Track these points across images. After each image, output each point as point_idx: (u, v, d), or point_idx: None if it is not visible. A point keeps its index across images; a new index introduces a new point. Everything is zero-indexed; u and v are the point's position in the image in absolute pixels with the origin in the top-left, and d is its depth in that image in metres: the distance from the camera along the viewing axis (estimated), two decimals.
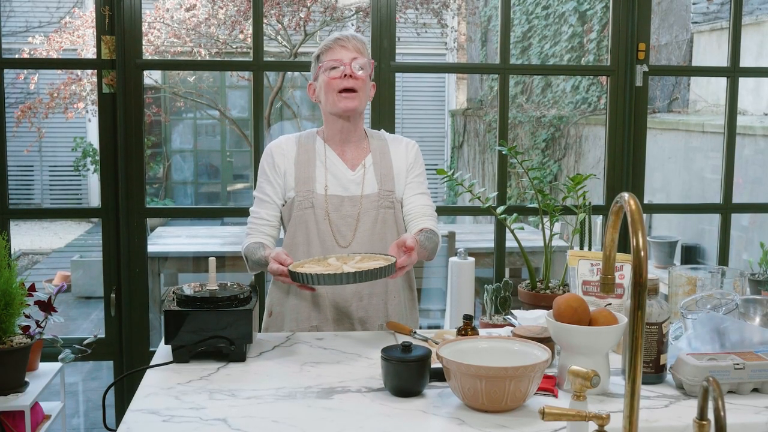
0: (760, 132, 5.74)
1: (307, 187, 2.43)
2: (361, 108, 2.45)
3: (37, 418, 2.66)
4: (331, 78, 2.41)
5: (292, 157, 2.47)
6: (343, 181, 2.44)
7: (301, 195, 2.43)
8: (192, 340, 2.01)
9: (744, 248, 5.55)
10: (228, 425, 1.65)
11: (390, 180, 2.48)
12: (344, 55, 2.41)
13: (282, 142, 2.51)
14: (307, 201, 2.42)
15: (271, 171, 2.47)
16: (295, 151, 2.48)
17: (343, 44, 2.42)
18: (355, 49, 2.42)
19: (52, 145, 11.70)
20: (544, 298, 2.59)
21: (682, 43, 7.92)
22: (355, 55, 2.42)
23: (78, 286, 7.67)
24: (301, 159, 2.46)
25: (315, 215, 2.42)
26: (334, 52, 2.42)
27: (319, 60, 2.45)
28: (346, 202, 2.43)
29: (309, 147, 2.48)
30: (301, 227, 2.42)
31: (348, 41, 2.43)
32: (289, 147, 2.48)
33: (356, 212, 2.43)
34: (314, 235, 2.41)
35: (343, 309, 2.43)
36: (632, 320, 1.32)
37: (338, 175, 2.45)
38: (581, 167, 8.22)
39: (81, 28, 8.60)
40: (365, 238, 2.42)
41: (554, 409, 1.40)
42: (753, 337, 1.98)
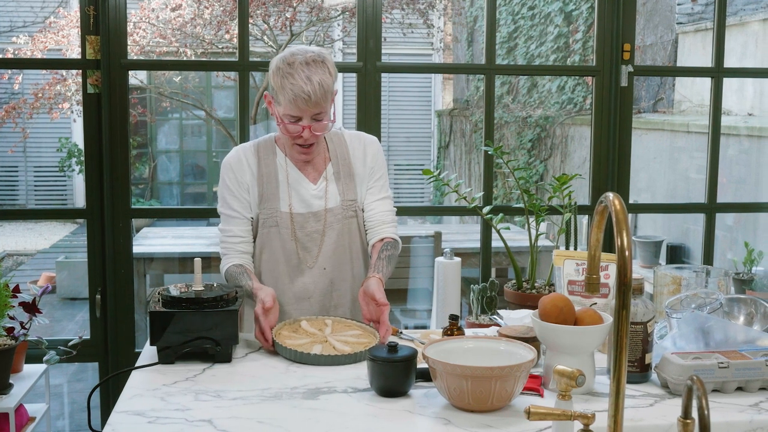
0: (744, 132, 5.78)
1: (271, 205, 2.36)
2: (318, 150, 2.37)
3: (21, 420, 2.64)
4: (287, 134, 2.27)
5: (254, 172, 2.37)
6: (306, 197, 2.37)
7: (265, 213, 2.36)
8: (177, 341, 2.00)
9: (728, 248, 5.58)
10: (213, 426, 1.64)
11: (352, 189, 2.41)
12: (304, 113, 2.22)
13: (241, 155, 2.38)
14: (271, 219, 2.36)
15: (235, 186, 2.36)
16: (255, 165, 2.37)
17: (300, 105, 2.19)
18: (315, 105, 2.20)
19: (36, 145, 11.63)
20: (530, 297, 2.60)
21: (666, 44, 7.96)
22: (318, 111, 2.23)
23: (63, 287, 7.63)
24: (263, 174, 2.36)
25: (280, 234, 2.36)
26: (290, 107, 2.21)
27: (276, 93, 2.25)
28: (311, 219, 2.37)
29: (269, 161, 2.37)
30: (266, 246, 2.37)
31: (308, 99, 2.18)
32: (249, 161, 2.37)
33: (321, 227, 2.37)
34: (280, 254, 2.37)
35: None
36: (617, 320, 1.33)
37: (301, 191, 2.37)
38: (567, 167, 8.24)
39: (66, 27, 8.57)
40: (330, 252, 2.38)
41: (540, 409, 1.41)
42: (737, 336, 1.99)
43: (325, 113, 2.26)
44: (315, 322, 2.23)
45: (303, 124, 2.23)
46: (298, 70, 2.19)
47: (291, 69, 2.20)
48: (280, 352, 2.05)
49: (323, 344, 2.09)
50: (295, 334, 2.14)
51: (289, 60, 2.22)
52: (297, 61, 2.21)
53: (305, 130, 2.24)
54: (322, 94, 2.20)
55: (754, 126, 5.76)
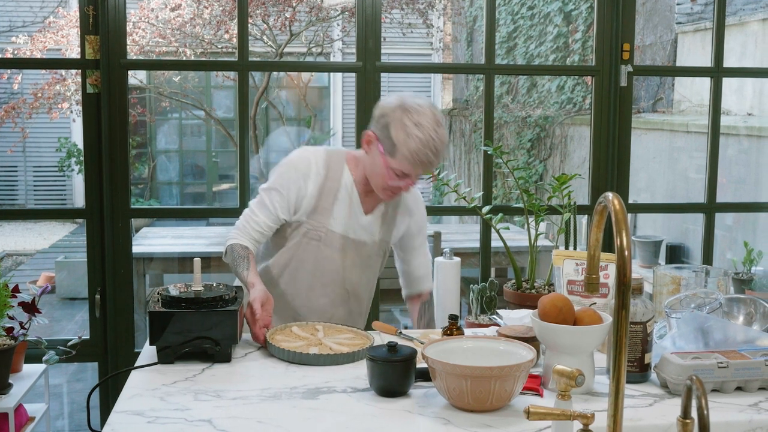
0: (743, 132, 5.78)
1: (321, 220, 2.37)
2: None
3: (21, 420, 2.64)
4: (388, 181, 2.28)
5: (318, 183, 2.36)
6: (355, 226, 2.41)
7: (311, 225, 2.37)
8: (177, 341, 2.00)
9: (728, 247, 5.58)
10: (213, 426, 1.64)
11: (390, 232, 2.49)
12: (415, 173, 2.27)
13: (311, 162, 2.37)
14: (316, 233, 2.37)
15: (289, 186, 2.35)
16: (323, 177, 2.36)
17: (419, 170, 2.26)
18: (427, 171, 2.31)
19: (36, 145, 11.63)
20: (530, 297, 2.60)
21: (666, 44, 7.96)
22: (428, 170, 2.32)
23: (62, 287, 7.62)
24: (326, 188, 2.37)
25: (320, 249, 2.38)
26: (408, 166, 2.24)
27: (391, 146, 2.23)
28: (350, 245, 2.41)
29: (336, 177, 2.38)
30: (300, 257, 2.40)
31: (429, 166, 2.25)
32: (318, 170, 2.35)
33: (354, 256, 2.42)
34: (311, 267, 2.40)
35: None
36: (617, 319, 1.33)
37: (353, 218, 2.40)
38: (566, 167, 8.24)
39: (65, 27, 8.56)
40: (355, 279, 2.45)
41: (539, 409, 1.41)
42: (737, 336, 1.99)
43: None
44: (306, 328, 2.23)
45: (410, 179, 2.29)
46: (427, 134, 2.21)
47: (419, 131, 2.20)
48: (278, 354, 2.05)
49: (319, 346, 2.09)
50: (289, 338, 2.14)
51: (416, 119, 2.21)
52: (425, 123, 2.21)
53: (409, 185, 2.31)
54: (439, 159, 2.26)
55: (754, 126, 5.76)
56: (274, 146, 11.72)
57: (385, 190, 2.32)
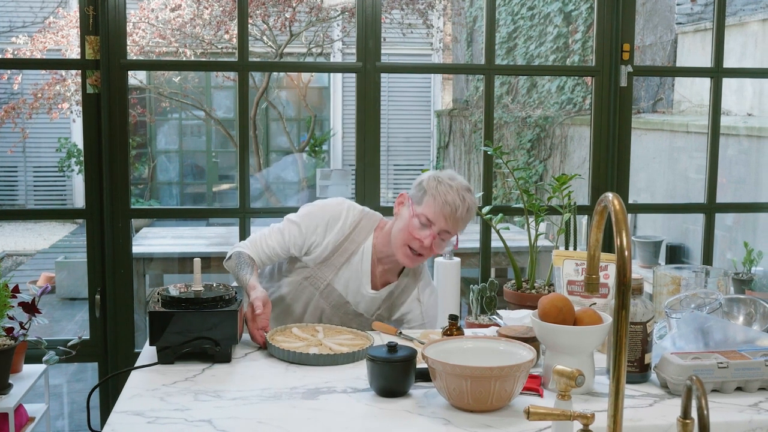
0: (743, 132, 5.78)
1: (327, 274, 2.42)
2: None
3: (21, 420, 2.64)
4: (410, 231, 2.33)
5: (339, 238, 2.41)
6: (358, 296, 2.45)
7: (316, 272, 2.43)
8: (177, 341, 2.00)
9: (728, 248, 5.59)
10: (213, 426, 1.64)
11: (390, 311, 2.51)
12: (439, 222, 2.32)
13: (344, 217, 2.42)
14: (317, 282, 2.43)
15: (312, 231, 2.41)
16: (345, 234, 2.42)
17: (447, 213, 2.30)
18: (454, 224, 2.33)
19: (36, 145, 11.63)
20: (530, 297, 2.60)
21: (666, 44, 7.96)
22: (449, 229, 2.33)
23: (62, 287, 7.62)
24: (344, 247, 2.42)
25: (314, 297, 2.44)
26: (434, 210, 2.31)
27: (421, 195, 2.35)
28: (345, 308, 2.46)
29: (358, 240, 2.43)
30: (294, 293, 2.45)
31: (454, 213, 2.30)
32: (344, 227, 2.41)
33: (345, 318, 2.46)
34: (300, 308, 2.46)
35: None
36: (617, 320, 1.33)
37: (359, 288, 2.44)
38: (566, 167, 8.24)
39: (65, 28, 8.57)
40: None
41: (539, 409, 1.41)
42: (737, 336, 1.99)
43: (450, 239, 2.38)
44: (306, 329, 2.23)
45: (432, 231, 2.32)
46: (457, 188, 2.33)
47: (451, 183, 2.33)
48: (278, 355, 2.05)
49: (319, 347, 2.09)
50: (289, 339, 2.14)
51: (449, 179, 2.35)
52: (456, 183, 2.34)
53: (429, 237, 2.32)
54: (463, 218, 2.32)
55: (754, 126, 5.76)
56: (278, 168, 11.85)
57: (404, 247, 2.35)
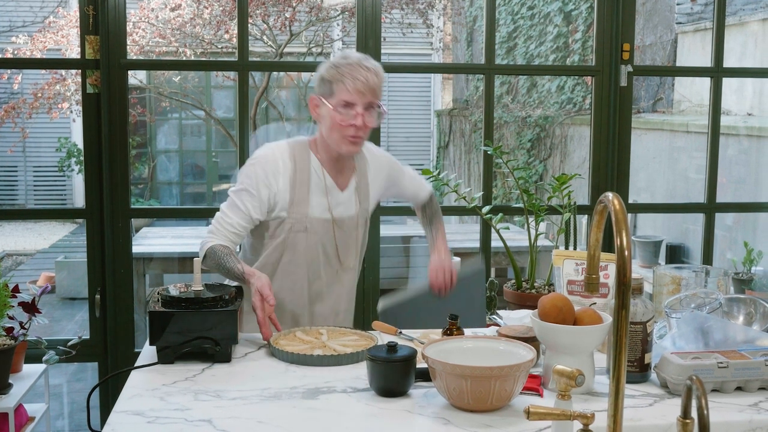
0: (743, 132, 5.78)
1: (302, 211, 2.37)
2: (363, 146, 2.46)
3: (21, 420, 2.64)
4: (340, 122, 2.31)
5: (288, 176, 2.36)
6: (334, 204, 2.42)
7: (294, 218, 2.37)
8: (177, 341, 2.00)
9: (728, 247, 5.59)
10: (213, 426, 1.64)
11: (366, 199, 2.51)
12: (358, 98, 2.30)
13: (277, 157, 2.38)
14: (299, 224, 2.38)
15: (259, 185, 2.35)
16: (290, 169, 2.37)
17: (358, 87, 2.28)
18: (371, 91, 2.31)
19: (36, 145, 11.63)
20: (530, 297, 2.60)
21: (666, 44, 7.96)
22: (370, 99, 2.31)
23: (62, 287, 7.62)
24: (297, 179, 2.37)
25: (307, 239, 2.39)
26: (347, 91, 2.29)
27: (329, 87, 2.32)
28: (336, 225, 2.43)
29: (304, 166, 2.39)
30: (291, 250, 2.40)
31: (364, 82, 2.29)
32: (284, 165, 2.36)
33: (341, 234, 2.44)
34: (302, 258, 2.41)
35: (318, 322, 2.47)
36: (617, 319, 1.33)
37: (331, 198, 2.42)
38: (566, 167, 8.24)
39: (65, 27, 8.56)
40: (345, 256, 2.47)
41: (539, 409, 1.41)
42: (736, 336, 1.99)
43: (377, 107, 2.36)
44: (310, 332, 2.23)
45: (357, 111, 2.30)
46: (356, 62, 2.32)
47: (348, 61, 2.32)
48: (281, 357, 2.05)
49: (323, 348, 2.09)
50: (293, 342, 2.14)
51: (343, 59, 2.34)
52: (352, 58, 2.34)
53: (359, 117, 2.30)
54: (377, 84, 2.32)
55: (754, 126, 5.76)
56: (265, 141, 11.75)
57: (344, 138, 2.33)
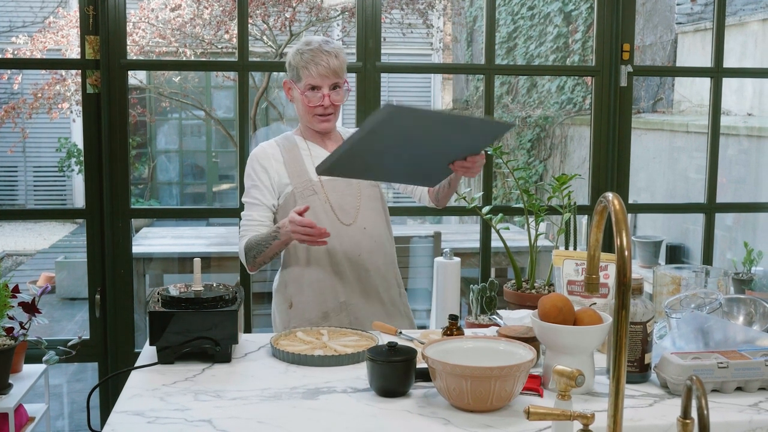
0: (743, 132, 5.78)
1: (304, 178, 2.51)
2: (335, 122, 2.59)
3: (21, 420, 2.64)
4: (309, 104, 2.50)
5: (279, 159, 2.54)
6: None
7: (301, 186, 2.51)
8: (177, 341, 2.00)
9: (728, 247, 5.59)
10: (213, 426, 1.64)
11: None
12: (323, 81, 2.48)
13: (265, 147, 2.58)
14: (308, 189, 2.51)
15: (259, 175, 2.53)
16: (279, 153, 2.55)
17: (321, 71, 2.46)
18: (333, 74, 2.48)
19: (36, 145, 11.63)
20: (530, 297, 2.60)
21: (666, 44, 7.96)
22: (333, 81, 2.49)
23: (62, 287, 7.62)
24: (288, 158, 2.54)
25: (319, 200, 2.50)
26: (311, 75, 2.47)
27: (296, 73, 2.51)
28: (342, 184, 2.53)
29: (291, 146, 2.57)
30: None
31: (326, 66, 2.47)
32: (273, 150, 2.56)
33: (355, 191, 2.55)
34: (323, 217, 2.49)
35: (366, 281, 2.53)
36: (617, 320, 1.33)
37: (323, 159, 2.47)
38: (566, 167, 8.24)
39: (65, 27, 8.56)
40: (368, 213, 2.55)
41: (539, 409, 1.41)
42: (737, 336, 1.99)
43: (341, 86, 2.52)
44: (311, 332, 2.23)
45: (323, 93, 2.48)
46: (317, 47, 2.48)
47: (310, 47, 2.49)
48: (282, 357, 2.05)
49: (323, 349, 2.09)
50: (294, 343, 2.14)
51: (306, 45, 2.51)
52: (313, 44, 2.50)
53: (325, 98, 2.48)
54: (339, 65, 2.49)
55: (754, 126, 5.77)
56: None
57: (315, 117, 2.52)
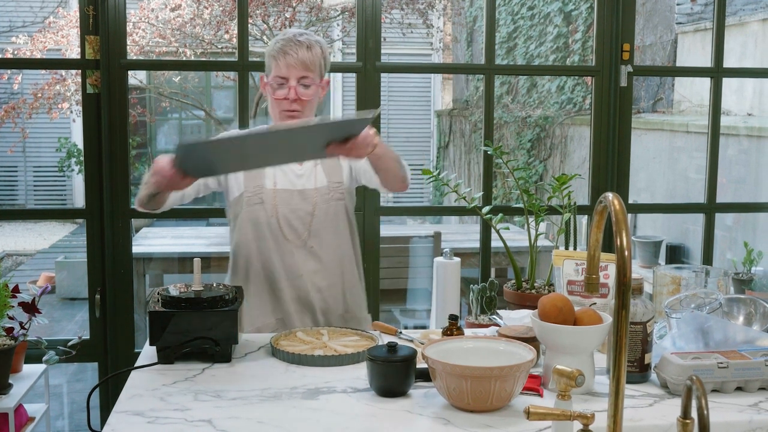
0: (743, 132, 5.78)
1: (256, 183, 2.40)
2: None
3: (21, 420, 2.64)
4: (275, 97, 2.37)
5: None
6: (291, 176, 2.42)
7: (250, 191, 2.39)
8: (177, 341, 2.00)
9: (728, 248, 5.59)
10: (213, 426, 1.64)
11: (338, 172, 2.46)
12: (290, 72, 2.34)
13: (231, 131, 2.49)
14: (256, 197, 2.39)
15: None
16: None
17: (289, 62, 2.33)
18: (302, 66, 2.34)
19: (36, 145, 11.64)
20: (530, 297, 2.60)
21: (666, 44, 7.96)
22: (303, 74, 2.35)
23: (62, 287, 7.62)
24: None
25: (265, 211, 2.39)
26: (279, 66, 2.35)
27: (268, 64, 2.40)
28: (296, 197, 2.41)
29: None
30: (253, 223, 2.40)
31: (295, 56, 2.33)
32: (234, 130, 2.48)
33: (310, 207, 2.41)
34: (266, 231, 2.40)
35: (305, 300, 2.43)
36: (617, 320, 1.33)
37: (285, 170, 2.42)
38: (566, 167, 8.24)
39: (65, 27, 8.57)
40: (317, 232, 2.41)
41: (539, 409, 1.41)
42: (736, 336, 1.99)
43: (312, 82, 2.36)
44: (311, 332, 2.23)
45: (290, 84, 2.33)
46: (289, 37, 2.36)
47: (283, 37, 2.38)
48: (282, 357, 2.04)
49: (323, 349, 2.09)
50: (294, 343, 2.14)
51: (282, 36, 2.40)
52: (288, 34, 2.38)
53: (291, 90, 2.33)
54: (310, 58, 2.34)
55: (754, 126, 5.77)
56: None
57: (282, 113, 2.37)
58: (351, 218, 2.51)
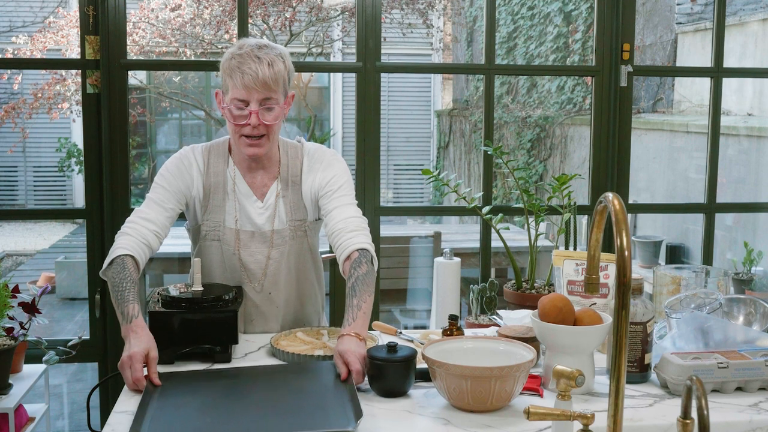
0: (743, 132, 5.78)
1: (216, 218, 2.23)
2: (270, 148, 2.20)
3: (21, 421, 2.64)
4: (234, 122, 2.11)
5: (202, 180, 2.23)
6: (253, 215, 2.24)
7: (208, 226, 2.24)
8: (177, 341, 2.00)
9: (728, 248, 5.59)
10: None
11: (300, 209, 2.28)
12: (250, 95, 2.08)
13: (192, 159, 2.24)
14: (213, 233, 2.24)
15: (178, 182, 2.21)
16: (203, 174, 2.23)
17: (247, 83, 2.05)
18: (264, 87, 2.07)
19: (36, 145, 11.64)
20: (530, 297, 2.60)
21: (666, 44, 7.96)
22: (265, 95, 2.09)
23: (62, 287, 7.62)
24: (211, 183, 2.23)
25: (222, 250, 2.25)
26: (237, 87, 2.08)
27: (224, 81, 2.12)
28: (256, 238, 2.24)
29: (219, 170, 2.23)
30: (208, 258, 2.27)
31: (254, 76, 2.05)
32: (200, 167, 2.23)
33: (266, 249, 2.25)
34: (219, 270, 2.28)
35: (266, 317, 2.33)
36: (617, 320, 1.33)
37: (247, 208, 2.24)
38: (566, 167, 8.24)
39: (65, 27, 8.57)
40: (274, 275, 2.27)
41: (539, 409, 1.41)
42: (736, 336, 1.99)
43: (276, 102, 2.12)
44: (311, 332, 2.22)
45: (251, 109, 2.08)
46: (248, 52, 2.08)
47: (240, 51, 2.09)
48: (282, 358, 2.04)
49: (324, 349, 2.09)
50: (294, 343, 2.14)
51: (238, 49, 2.12)
52: (246, 48, 2.10)
53: (252, 115, 2.08)
54: (272, 76, 2.07)
55: (754, 126, 5.77)
56: None
57: (241, 138, 2.12)
58: (314, 251, 2.35)
